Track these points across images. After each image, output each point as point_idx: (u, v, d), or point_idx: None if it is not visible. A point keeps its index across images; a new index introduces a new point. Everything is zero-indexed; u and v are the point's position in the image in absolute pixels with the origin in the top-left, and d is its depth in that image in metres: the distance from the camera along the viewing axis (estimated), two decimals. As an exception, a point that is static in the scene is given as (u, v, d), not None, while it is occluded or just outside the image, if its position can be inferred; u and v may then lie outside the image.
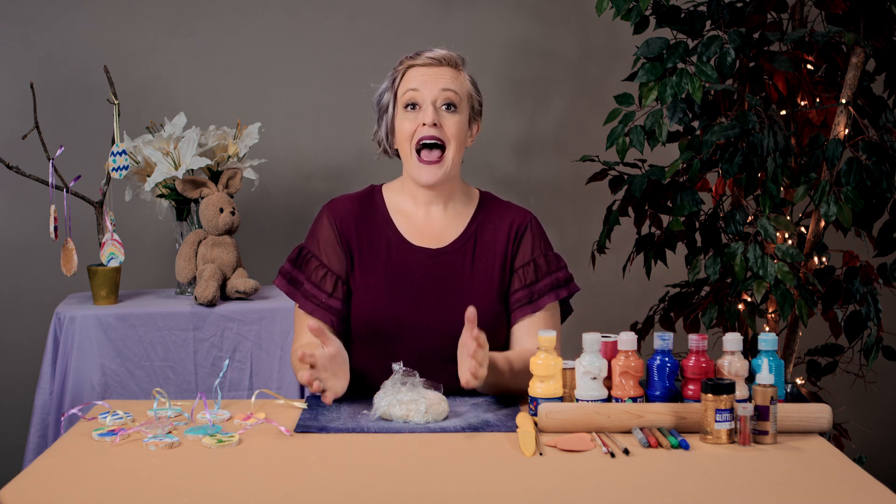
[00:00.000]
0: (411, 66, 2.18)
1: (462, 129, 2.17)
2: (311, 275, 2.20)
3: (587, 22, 3.45)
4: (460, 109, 2.17)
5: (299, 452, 1.81)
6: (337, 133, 3.44)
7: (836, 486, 1.67)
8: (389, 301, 2.17)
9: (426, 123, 2.13)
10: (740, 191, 2.82)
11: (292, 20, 3.42)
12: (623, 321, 3.17)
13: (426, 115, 2.14)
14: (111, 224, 2.85)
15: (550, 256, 2.25)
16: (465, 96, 2.19)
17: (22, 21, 3.33)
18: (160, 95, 3.35)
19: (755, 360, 1.94)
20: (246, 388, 2.80)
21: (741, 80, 2.91)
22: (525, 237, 2.24)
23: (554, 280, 2.22)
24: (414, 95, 2.15)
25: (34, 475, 1.71)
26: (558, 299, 2.23)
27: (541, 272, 2.22)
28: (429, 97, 2.14)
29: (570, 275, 2.27)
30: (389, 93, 2.20)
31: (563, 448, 1.82)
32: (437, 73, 2.16)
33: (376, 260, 2.20)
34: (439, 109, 2.15)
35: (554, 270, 2.23)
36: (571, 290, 2.25)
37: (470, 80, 2.22)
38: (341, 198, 2.27)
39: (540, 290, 2.21)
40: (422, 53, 2.18)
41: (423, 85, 2.15)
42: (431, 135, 2.14)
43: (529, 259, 2.23)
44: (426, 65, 2.17)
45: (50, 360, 2.75)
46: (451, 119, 2.15)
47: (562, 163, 3.47)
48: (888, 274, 2.81)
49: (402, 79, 2.18)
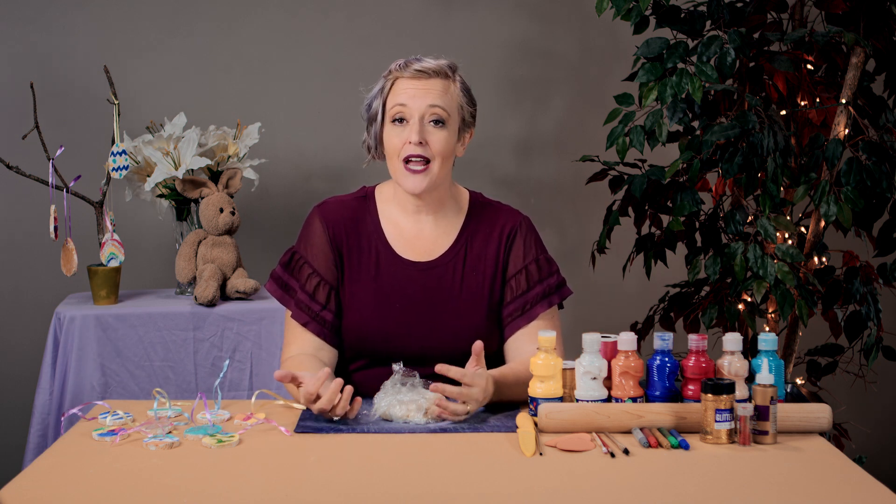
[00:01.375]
0: (399, 77, 2.14)
1: (449, 144, 2.14)
2: (305, 283, 2.18)
3: (587, 22, 3.45)
4: (448, 124, 2.13)
5: (299, 452, 1.81)
6: (337, 133, 3.43)
7: (836, 486, 1.67)
8: (377, 315, 2.16)
9: (412, 142, 2.11)
10: (740, 191, 2.82)
11: (292, 20, 3.42)
12: (623, 321, 3.17)
13: (412, 132, 2.11)
14: (111, 224, 2.85)
15: (542, 261, 2.22)
16: (455, 110, 2.15)
17: (22, 21, 3.33)
18: (160, 95, 3.35)
19: (755, 360, 1.94)
20: (246, 388, 2.80)
21: (741, 80, 2.91)
22: (516, 242, 2.22)
23: (545, 287, 2.20)
24: (401, 110, 2.12)
25: (34, 475, 1.71)
26: (551, 307, 2.21)
27: (532, 280, 2.20)
28: (416, 113, 2.11)
29: (562, 279, 2.24)
30: (378, 101, 2.16)
31: (563, 448, 1.82)
32: (425, 88, 2.12)
33: (365, 272, 2.18)
34: (426, 125, 2.12)
35: (545, 277, 2.21)
36: (563, 294, 2.23)
37: (461, 88, 2.17)
38: (333, 201, 2.24)
39: (532, 299, 2.19)
40: (410, 65, 2.14)
41: (410, 100, 2.12)
42: (417, 153, 2.11)
43: (521, 266, 2.20)
44: (415, 77, 2.13)
45: (50, 360, 2.75)
46: (437, 135, 2.12)
47: (562, 163, 3.47)
48: (888, 274, 2.81)
49: (390, 90, 2.15)
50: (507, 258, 2.21)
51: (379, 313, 2.16)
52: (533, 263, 2.21)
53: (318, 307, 2.16)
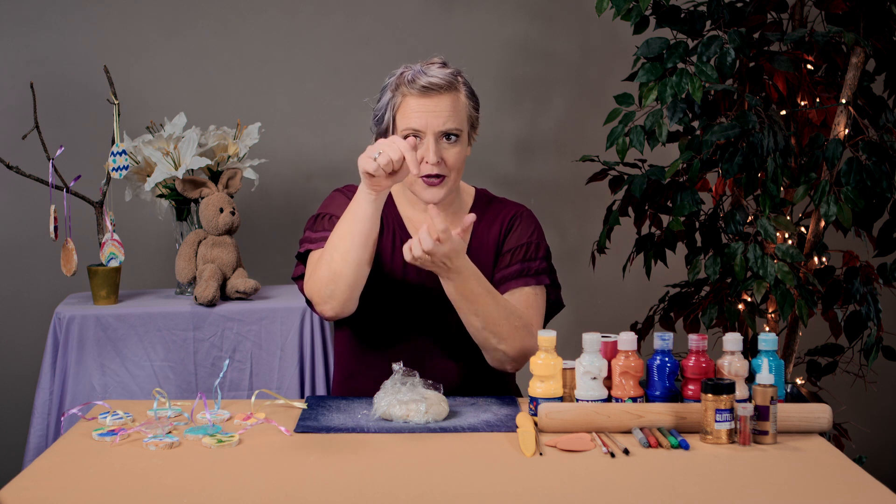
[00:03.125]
0: (408, 95, 2.12)
1: (462, 155, 2.16)
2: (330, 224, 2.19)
3: (587, 22, 3.45)
4: (461, 138, 2.15)
5: (299, 452, 1.81)
6: (337, 133, 3.43)
7: (836, 486, 1.67)
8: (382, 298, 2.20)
9: (429, 161, 2.11)
10: (740, 191, 2.82)
11: (292, 20, 3.42)
12: (623, 321, 3.17)
13: (429, 152, 2.11)
14: (111, 224, 2.85)
15: (531, 246, 2.23)
16: (465, 121, 2.16)
17: (22, 21, 3.33)
18: (160, 95, 3.35)
19: (755, 360, 1.94)
20: (246, 388, 2.80)
21: (741, 80, 2.91)
22: (514, 226, 2.25)
23: (524, 268, 2.21)
24: (415, 132, 2.12)
25: (34, 475, 1.71)
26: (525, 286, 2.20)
27: (515, 258, 2.22)
28: (430, 134, 2.11)
29: (546, 268, 2.23)
30: (389, 114, 2.15)
31: (563, 448, 1.82)
32: (436, 107, 2.11)
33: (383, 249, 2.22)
34: (440, 141, 2.12)
35: (528, 259, 2.22)
36: (540, 281, 2.22)
37: (466, 93, 2.17)
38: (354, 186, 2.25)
39: (508, 275, 2.20)
40: (417, 80, 2.11)
41: (423, 125, 2.10)
42: (435, 173, 2.12)
43: (514, 246, 2.23)
44: (423, 95, 2.11)
45: (50, 360, 2.75)
46: (452, 150, 2.13)
47: (562, 163, 3.47)
48: (888, 274, 2.81)
49: (400, 107, 2.13)
50: (503, 241, 2.25)
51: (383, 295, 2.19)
52: (524, 247, 2.23)
53: None
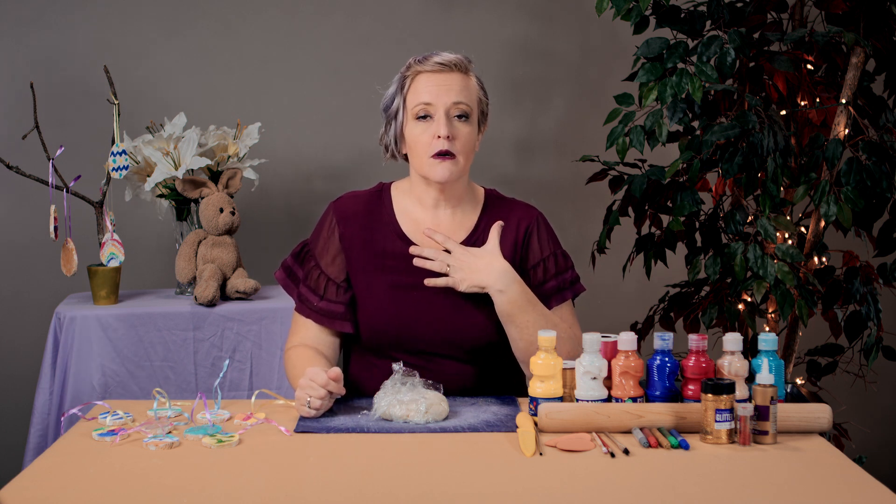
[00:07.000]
0: (420, 71, 2.15)
1: (473, 138, 2.17)
2: (307, 276, 2.23)
3: (587, 22, 3.45)
4: (471, 119, 2.16)
5: (299, 452, 1.81)
6: (337, 133, 3.43)
7: (836, 486, 1.67)
8: (393, 305, 2.18)
9: (441, 136, 2.12)
10: (740, 191, 2.82)
11: (292, 20, 3.42)
12: (623, 321, 3.17)
13: (440, 127, 2.12)
14: (111, 224, 2.85)
15: (559, 256, 2.26)
16: (475, 103, 2.17)
17: (22, 21, 3.32)
18: (160, 95, 3.35)
19: (755, 360, 1.94)
20: (246, 388, 2.80)
21: (741, 80, 2.91)
22: (532, 239, 2.25)
23: (560, 282, 2.24)
24: (426, 108, 2.13)
25: (34, 475, 1.71)
26: (563, 301, 2.24)
27: (549, 273, 2.23)
28: (441, 108, 2.12)
29: (577, 275, 2.28)
30: (399, 98, 2.17)
31: (563, 448, 1.82)
32: (448, 83, 2.14)
33: (380, 263, 2.20)
34: (452, 119, 2.14)
35: (561, 271, 2.25)
36: (576, 291, 2.26)
37: (477, 82, 2.20)
38: (348, 196, 2.27)
39: (547, 292, 2.22)
40: (430, 58, 2.15)
41: (435, 97, 2.12)
42: (446, 149, 2.12)
43: (540, 259, 2.24)
44: (435, 71, 2.14)
45: (50, 360, 2.75)
46: (463, 129, 2.14)
47: (562, 163, 3.47)
48: (888, 274, 2.81)
49: (411, 86, 2.15)
50: (525, 251, 2.24)
51: (393, 302, 2.18)
52: (551, 258, 2.24)
53: (317, 299, 2.20)
